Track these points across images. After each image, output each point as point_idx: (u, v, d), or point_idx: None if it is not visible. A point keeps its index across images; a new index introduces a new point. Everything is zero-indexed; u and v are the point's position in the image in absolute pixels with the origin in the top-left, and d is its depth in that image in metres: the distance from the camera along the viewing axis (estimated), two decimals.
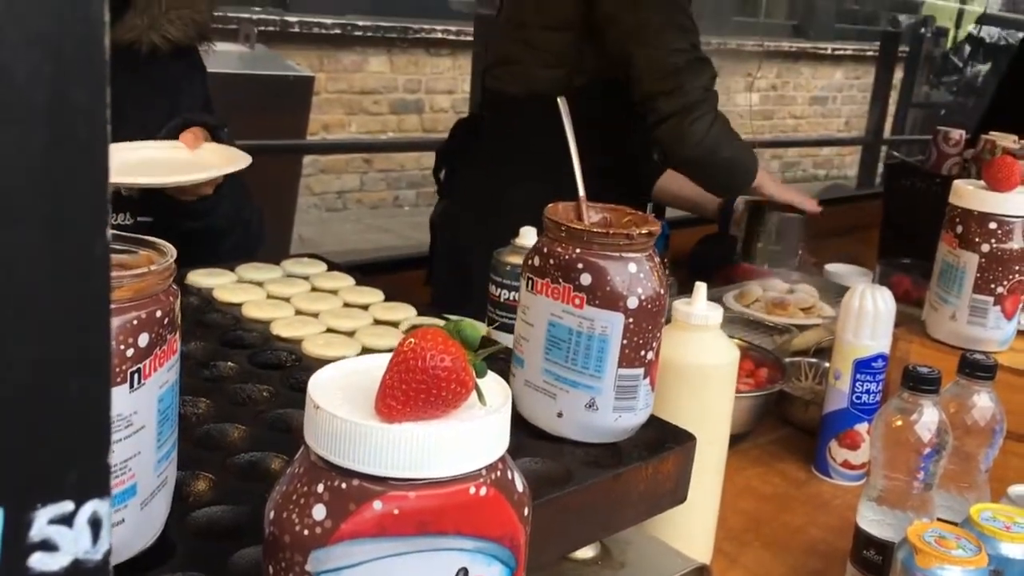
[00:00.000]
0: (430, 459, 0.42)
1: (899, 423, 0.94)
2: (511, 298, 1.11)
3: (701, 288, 0.96)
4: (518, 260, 1.08)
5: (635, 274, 0.76)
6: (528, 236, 1.11)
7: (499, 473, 0.45)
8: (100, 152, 0.21)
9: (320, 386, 0.46)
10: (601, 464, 0.76)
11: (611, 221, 0.83)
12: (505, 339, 0.97)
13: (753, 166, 1.86)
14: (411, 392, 0.42)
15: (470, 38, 5.73)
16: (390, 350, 0.44)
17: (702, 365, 0.93)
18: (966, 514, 0.86)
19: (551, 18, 1.80)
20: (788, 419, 1.39)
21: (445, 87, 5.86)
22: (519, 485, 0.46)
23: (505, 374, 0.83)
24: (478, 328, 0.44)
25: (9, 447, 0.22)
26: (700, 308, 0.95)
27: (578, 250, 0.77)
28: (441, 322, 1.05)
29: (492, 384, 0.46)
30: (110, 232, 0.22)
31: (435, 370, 0.42)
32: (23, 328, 0.22)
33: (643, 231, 0.77)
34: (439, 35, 5.77)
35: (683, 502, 0.82)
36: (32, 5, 0.19)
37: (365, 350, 0.95)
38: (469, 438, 0.43)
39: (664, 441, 0.81)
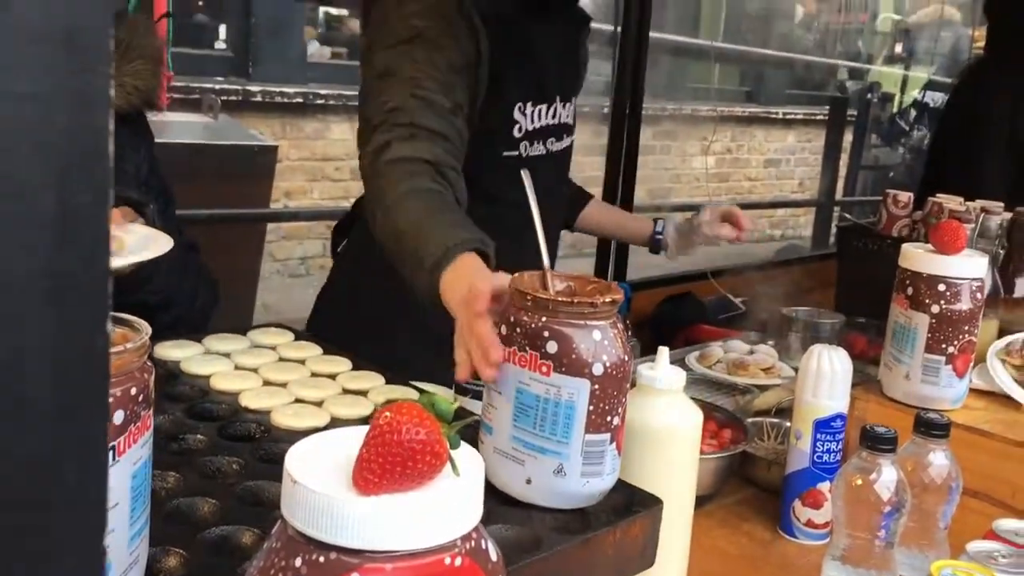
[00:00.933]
0: (406, 531, 0.43)
1: (859, 482, 0.96)
2: None
3: (663, 352, 0.98)
4: None
5: (600, 341, 0.78)
6: None
7: (473, 543, 0.46)
8: (102, 252, 0.23)
9: (297, 460, 0.47)
10: (570, 530, 0.77)
11: (575, 290, 0.85)
12: (475, 407, 0.97)
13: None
14: (387, 465, 0.43)
15: None
16: (360, 419, 0.45)
17: (667, 428, 0.95)
18: (927, 571, 0.88)
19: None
20: (752, 480, 1.40)
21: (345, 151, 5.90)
22: (492, 554, 0.47)
23: (474, 441, 0.84)
24: (451, 401, 0.45)
25: (11, 528, 0.23)
26: (663, 372, 0.96)
27: (544, 319, 0.79)
28: (410, 391, 1.06)
29: (465, 455, 0.47)
30: (110, 325, 0.24)
31: (411, 443, 0.43)
32: (27, 422, 0.23)
33: (607, 299, 0.79)
34: (349, 102, 5.82)
35: (651, 566, 0.83)
36: (41, 118, 0.21)
37: (334, 420, 0.96)
38: (444, 510, 0.44)
39: (631, 505, 0.82)
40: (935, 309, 1.17)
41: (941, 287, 1.17)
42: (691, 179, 7.22)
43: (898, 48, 9.35)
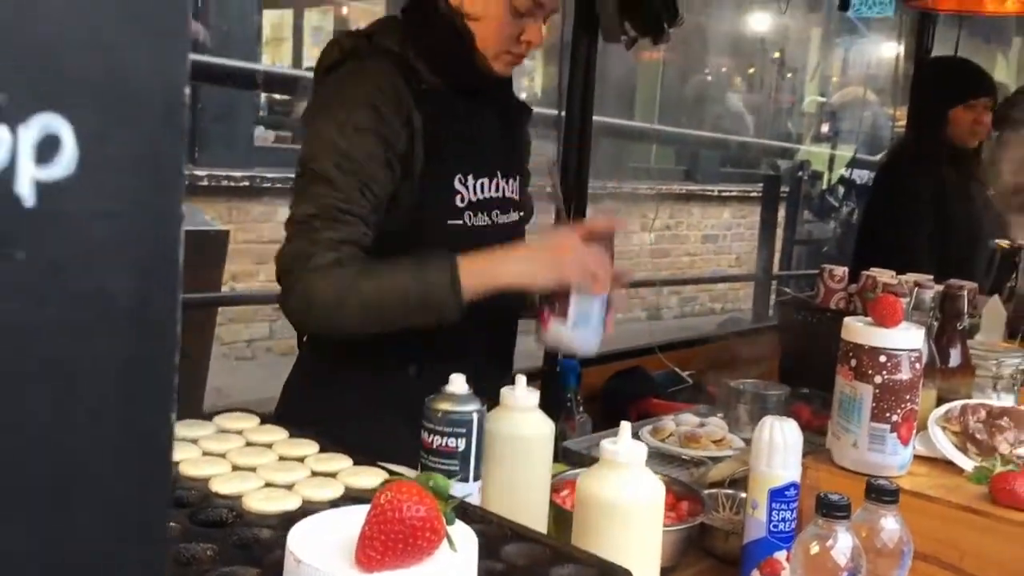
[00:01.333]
0: None
1: (816, 549, 0.99)
2: (444, 444, 1.13)
3: (626, 427, 1.01)
4: (449, 407, 1.12)
5: None
6: (457, 383, 1.15)
7: None
8: (171, 352, 0.25)
9: (299, 540, 0.49)
10: None
11: None
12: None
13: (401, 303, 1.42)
14: (389, 542, 0.45)
15: None
16: (330, 501, 0.47)
17: (633, 501, 0.97)
18: None
19: None
20: (710, 551, 1.43)
21: None
22: None
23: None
24: (448, 480, 0.47)
25: None
26: (626, 446, 1.00)
27: None
28: (379, 472, 1.07)
29: (459, 531, 0.50)
30: (174, 418, 0.26)
31: (411, 520, 0.45)
32: (98, 510, 0.25)
33: None
34: None
35: None
36: (129, 237, 0.24)
37: (306, 502, 0.96)
38: None
39: None
40: (878, 380, 1.23)
41: (882, 358, 1.23)
42: (632, 255, 7.36)
43: (824, 128, 9.76)
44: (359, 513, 0.47)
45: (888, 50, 9.03)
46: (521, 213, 1.69)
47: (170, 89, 0.25)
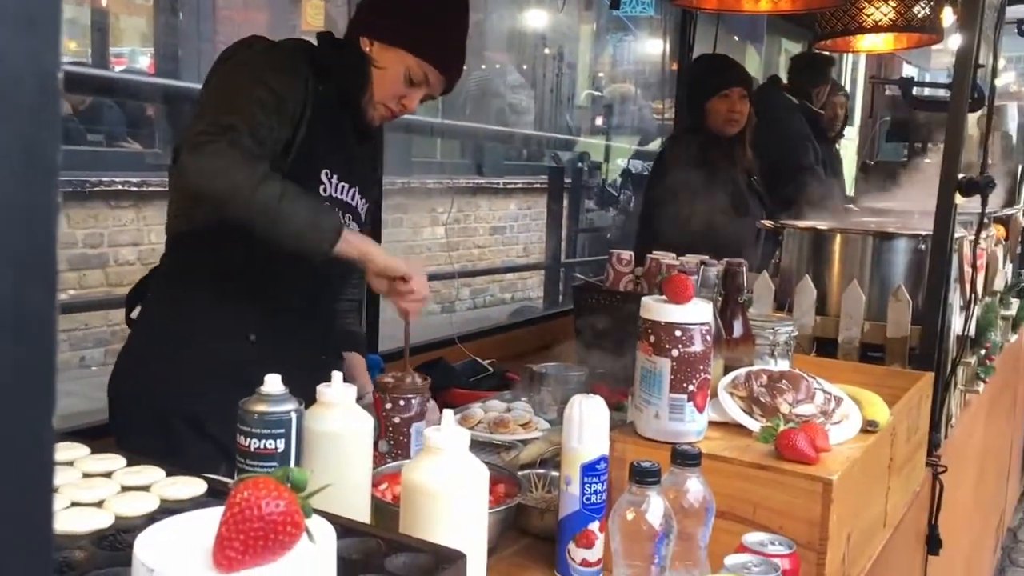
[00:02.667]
0: None
1: (632, 515, 1.05)
2: (262, 447, 1.10)
3: (449, 415, 1.03)
4: (265, 408, 1.09)
5: None
6: (273, 383, 1.12)
7: None
8: (50, 352, 0.24)
9: (147, 548, 0.47)
10: None
11: None
12: None
13: (314, 226, 1.55)
14: (249, 540, 0.45)
15: (154, 188, 5.58)
16: (147, 515, 0.46)
17: (461, 485, 0.99)
18: None
19: None
20: (527, 529, 1.47)
21: (130, 239, 5.63)
22: None
23: None
24: (305, 472, 0.47)
25: None
26: (451, 433, 1.01)
27: None
28: (198, 481, 1.03)
29: (317, 523, 0.49)
30: (55, 421, 0.25)
31: (271, 516, 0.45)
32: None
33: None
34: (119, 187, 5.56)
35: None
36: (2, 231, 0.22)
37: (119, 519, 0.91)
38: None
39: (439, 563, 0.85)
40: (675, 353, 1.31)
41: (678, 333, 1.31)
42: (423, 249, 7.40)
43: (599, 121, 10.22)
44: (208, 515, 0.46)
45: (654, 47, 9.57)
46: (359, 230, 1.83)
47: (43, 76, 0.23)
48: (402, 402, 1.55)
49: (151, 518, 0.90)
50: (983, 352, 2.53)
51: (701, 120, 3.28)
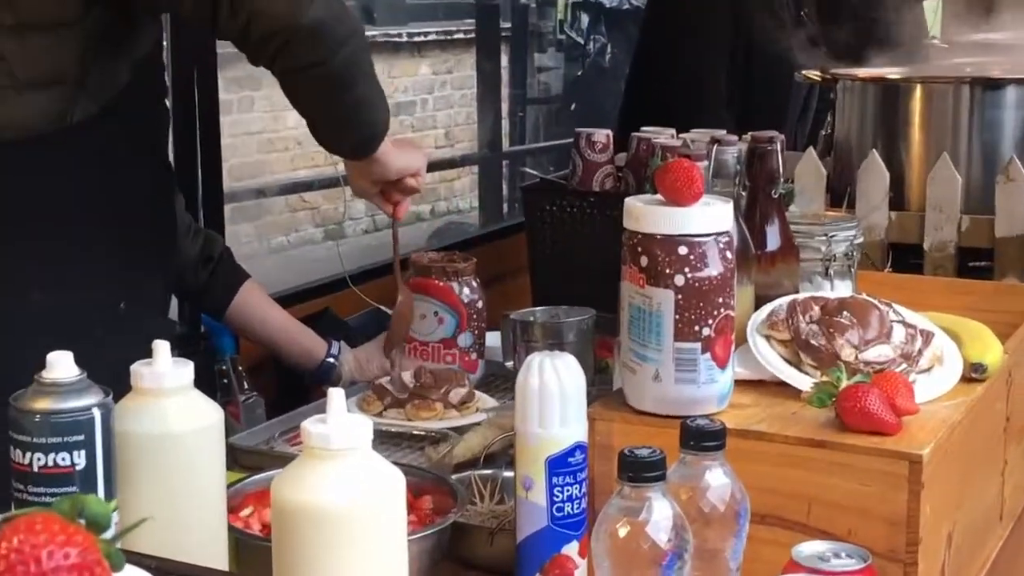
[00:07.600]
0: None
1: (626, 530, 1.06)
2: (50, 463, 1.09)
3: (337, 395, 1.02)
4: (52, 404, 1.08)
5: None
6: (62, 363, 1.11)
7: None
8: None
9: None
10: None
11: None
12: None
13: (386, 115, 1.97)
14: None
15: None
16: None
17: (358, 504, 1.00)
18: None
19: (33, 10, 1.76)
20: (470, 560, 1.49)
21: None
22: None
23: None
24: (108, 502, 0.46)
25: None
26: (340, 424, 1.01)
27: None
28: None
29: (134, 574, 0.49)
30: None
31: (57, 572, 0.44)
32: None
33: None
34: None
35: None
36: None
37: None
38: None
39: None
40: (679, 280, 1.31)
41: (683, 249, 1.31)
42: (291, 143, 7.31)
43: None
44: None
45: None
46: None
47: None
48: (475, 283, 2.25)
49: None
50: None
51: None
